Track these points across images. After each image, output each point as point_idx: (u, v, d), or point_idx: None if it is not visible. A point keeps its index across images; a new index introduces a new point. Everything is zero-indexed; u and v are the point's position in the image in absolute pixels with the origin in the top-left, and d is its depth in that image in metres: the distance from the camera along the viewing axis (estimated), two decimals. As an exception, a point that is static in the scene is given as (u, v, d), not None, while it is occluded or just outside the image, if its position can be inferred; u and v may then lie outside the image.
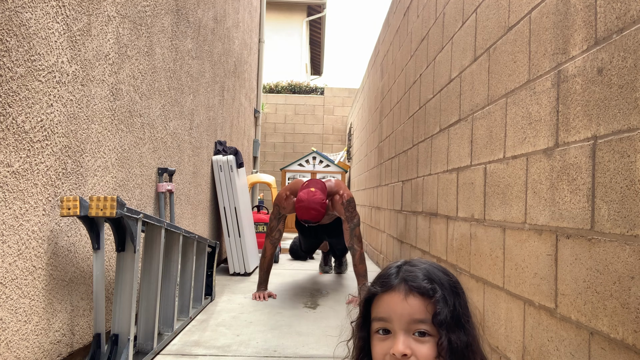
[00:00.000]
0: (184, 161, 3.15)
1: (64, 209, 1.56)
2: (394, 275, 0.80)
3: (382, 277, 0.82)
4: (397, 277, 0.80)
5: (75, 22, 1.72)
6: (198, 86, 3.41)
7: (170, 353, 2.05)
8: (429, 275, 0.79)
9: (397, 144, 3.91)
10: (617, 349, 1.05)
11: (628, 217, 1.03)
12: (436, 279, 0.78)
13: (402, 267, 0.82)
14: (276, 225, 3.28)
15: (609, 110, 1.11)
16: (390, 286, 0.79)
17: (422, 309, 0.75)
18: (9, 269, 1.41)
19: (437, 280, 0.78)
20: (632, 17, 1.05)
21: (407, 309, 0.76)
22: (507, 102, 1.68)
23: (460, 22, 2.25)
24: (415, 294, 0.76)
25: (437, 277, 0.79)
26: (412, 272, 0.79)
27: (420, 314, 0.75)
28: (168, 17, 2.70)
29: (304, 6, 13.91)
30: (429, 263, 0.83)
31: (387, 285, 0.79)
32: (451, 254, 2.28)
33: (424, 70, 2.98)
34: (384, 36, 5.01)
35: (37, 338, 1.56)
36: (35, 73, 1.50)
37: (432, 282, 0.78)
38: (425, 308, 0.75)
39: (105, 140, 1.99)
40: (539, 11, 1.47)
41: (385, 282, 0.80)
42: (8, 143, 1.39)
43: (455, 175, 2.26)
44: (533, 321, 1.44)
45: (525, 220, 1.51)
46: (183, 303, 2.54)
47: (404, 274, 0.80)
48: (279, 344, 2.21)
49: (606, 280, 1.10)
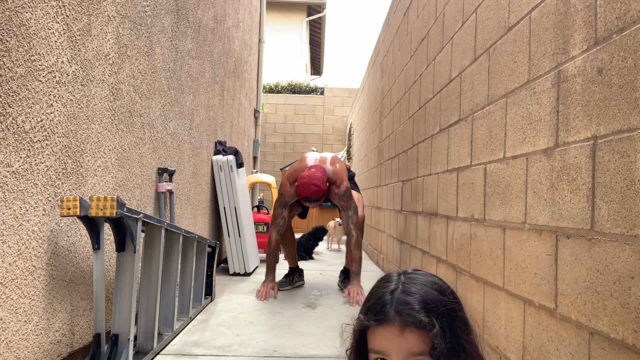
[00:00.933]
0: (184, 161, 3.15)
1: (64, 209, 1.56)
2: (388, 305, 0.76)
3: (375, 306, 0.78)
4: (392, 307, 0.75)
5: (75, 22, 1.72)
6: (198, 86, 3.41)
7: (170, 353, 2.05)
8: (425, 303, 0.74)
9: (397, 144, 3.91)
10: (617, 349, 1.05)
11: (628, 217, 1.03)
12: (433, 308, 0.74)
13: (395, 294, 0.77)
14: (280, 213, 3.35)
15: (609, 110, 1.11)
16: (385, 320, 0.75)
17: (420, 343, 0.72)
18: (9, 269, 1.41)
19: (433, 309, 0.74)
20: (632, 17, 1.05)
21: (404, 343, 0.73)
22: (507, 102, 1.68)
23: (460, 22, 2.25)
24: (411, 329, 0.73)
25: (434, 304, 0.74)
26: (407, 302, 0.75)
27: (418, 348, 0.72)
28: (168, 17, 2.70)
29: (304, 6, 13.91)
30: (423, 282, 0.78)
31: (381, 319, 0.75)
32: (451, 254, 2.28)
33: (424, 70, 2.98)
34: (384, 36, 5.01)
35: (37, 338, 1.56)
36: (35, 73, 1.50)
37: (429, 312, 0.73)
38: (422, 342, 0.72)
39: (105, 140, 1.99)
40: (539, 11, 1.47)
41: (379, 313, 0.76)
42: (8, 143, 1.39)
43: (455, 175, 2.26)
44: (533, 321, 1.44)
45: (525, 220, 1.51)
46: (183, 303, 2.55)
47: (399, 305, 0.75)
48: (279, 344, 2.21)
49: (606, 280, 1.10)
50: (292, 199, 3.33)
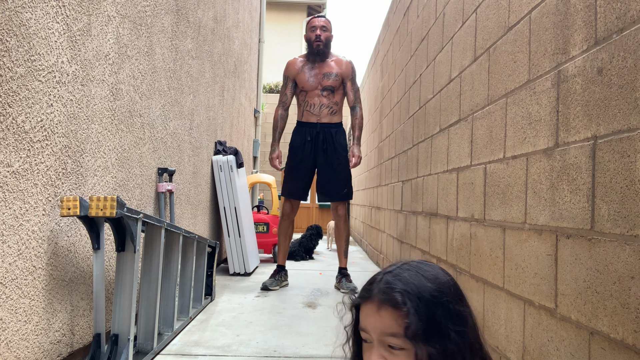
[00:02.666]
0: (184, 161, 3.15)
1: (64, 209, 1.57)
2: (375, 284, 0.77)
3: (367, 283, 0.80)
4: (377, 285, 0.77)
5: (75, 22, 1.72)
6: (198, 86, 3.41)
7: (170, 353, 2.05)
8: (407, 286, 0.74)
9: (397, 144, 3.91)
10: (617, 349, 1.05)
11: (628, 217, 1.03)
12: (413, 291, 0.73)
13: (385, 275, 0.78)
14: (284, 91, 3.68)
15: (609, 110, 1.11)
16: (368, 297, 0.76)
17: (393, 323, 0.72)
18: (9, 269, 1.42)
19: (414, 292, 0.73)
20: (632, 17, 1.05)
21: (379, 321, 0.74)
22: (507, 102, 1.68)
23: (460, 22, 2.25)
24: (387, 307, 0.73)
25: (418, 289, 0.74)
26: (391, 282, 0.75)
27: (391, 328, 0.72)
28: (168, 17, 2.70)
29: (304, 6, 13.91)
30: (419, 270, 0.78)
31: (365, 295, 0.77)
32: (451, 254, 2.29)
33: (424, 70, 2.98)
34: (384, 36, 5.01)
35: (37, 338, 1.56)
36: (35, 73, 1.50)
37: (407, 293, 0.73)
38: (396, 321, 0.72)
39: (105, 140, 1.99)
40: (539, 11, 1.47)
41: (367, 290, 0.78)
42: (8, 143, 1.39)
43: (455, 175, 2.26)
44: (533, 321, 1.44)
45: (525, 220, 1.51)
46: (183, 303, 2.55)
47: (383, 285, 0.76)
48: (279, 344, 2.21)
49: (606, 280, 1.10)
50: (294, 75, 3.63)
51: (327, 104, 3.57)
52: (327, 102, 3.57)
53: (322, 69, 3.56)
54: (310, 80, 3.56)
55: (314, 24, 3.58)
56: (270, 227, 5.01)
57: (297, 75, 3.60)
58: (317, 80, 3.55)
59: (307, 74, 3.57)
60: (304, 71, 3.58)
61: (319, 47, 3.53)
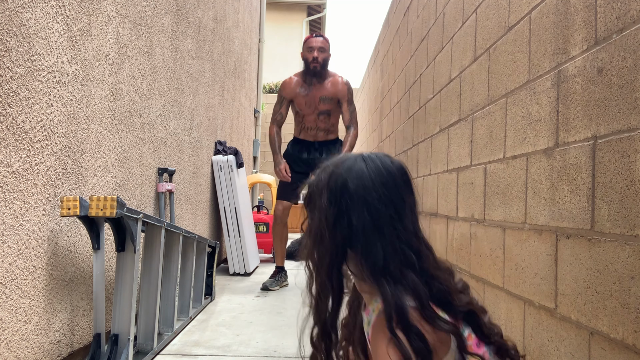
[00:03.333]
0: (184, 161, 3.15)
1: (64, 209, 1.57)
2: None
3: None
4: None
5: (75, 22, 1.72)
6: (198, 86, 3.41)
7: (170, 353, 2.05)
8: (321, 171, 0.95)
9: (397, 144, 3.91)
10: (617, 349, 1.05)
11: (628, 217, 1.03)
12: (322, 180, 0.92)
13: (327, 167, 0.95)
14: (278, 109, 3.67)
15: (609, 110, 1.11)
16: None
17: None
18: (9, 269, 1.42)
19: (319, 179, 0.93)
20: (632, 17, 1.05)
21: None
22: (507, 102, 1.68)
23: (460, 22, 2.25)
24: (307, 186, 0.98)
25: (325, 176, 0.92)
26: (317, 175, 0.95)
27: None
28: (168, 17, 2.70)
29: (304, 6, 13.91)
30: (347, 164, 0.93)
31: None
32: (451, 254, 2.29)
33: (424, 70, 2.98)
34: (384, 36, 5.01)
35: (37, 338, 1.56)
36: (35, 73, 1.50)
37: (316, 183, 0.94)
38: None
39: (105, 140, 1.99)
40: (539, 11, 1.47)
41: None
42: (8, 143, 1.39)
43: (455, 175, 2.26)
44: (533, 321, 1.44)
45: (525, 220, 1.51)
46: (183, 303, 2.55)
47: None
48: (279, 344, 2.21)
49: (606, 280, 1.10)
50: (289, 96, 3.61)
51: (323, 128, 3.63)
52: (323, 125, 3.62)
53: (319, 91, 3.53)
54: (307, 104, 3.58)
55: (312, 45, 3.50)
56: (270, 227, 5.01)
57: (293, 97, 3.61)
58: (313, 104, 3.55)
59: (303, 99, 3.58)
60: (300, 94, 3.58)
61: (316, 68, 3.50)
